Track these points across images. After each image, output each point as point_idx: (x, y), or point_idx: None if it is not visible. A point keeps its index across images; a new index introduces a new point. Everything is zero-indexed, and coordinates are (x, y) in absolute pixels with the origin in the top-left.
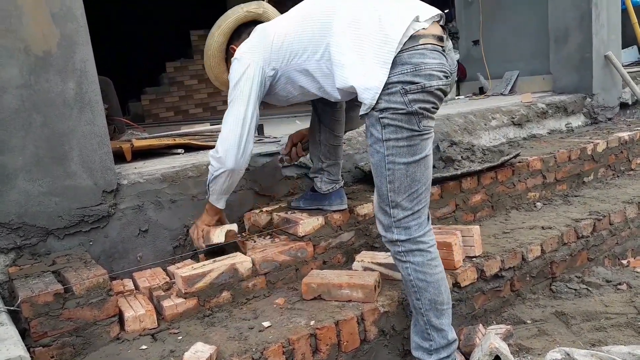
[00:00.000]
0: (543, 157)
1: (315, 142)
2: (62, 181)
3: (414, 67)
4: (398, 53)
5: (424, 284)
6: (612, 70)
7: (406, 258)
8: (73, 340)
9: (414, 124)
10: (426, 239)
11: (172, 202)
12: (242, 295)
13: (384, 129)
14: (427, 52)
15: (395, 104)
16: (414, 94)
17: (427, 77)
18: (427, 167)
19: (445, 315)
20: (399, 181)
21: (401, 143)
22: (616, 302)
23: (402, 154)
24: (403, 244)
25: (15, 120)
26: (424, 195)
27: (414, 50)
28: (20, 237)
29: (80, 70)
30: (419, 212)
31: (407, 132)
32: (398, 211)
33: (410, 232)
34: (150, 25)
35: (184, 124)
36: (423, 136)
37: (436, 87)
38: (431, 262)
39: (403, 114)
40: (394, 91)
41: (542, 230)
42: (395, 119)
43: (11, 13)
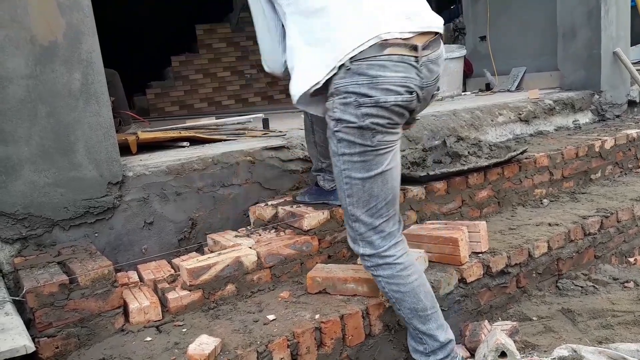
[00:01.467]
0: (550, 154)
1: (311, 143)
2: (67, 172)
3: (370, 79)
4: (357, 61)
5: (400, 294)
6: (620, 67)
7: (376, 272)
8: (78, 331)
9: (367, 139)
10: (391, 252)
11: (178, 195)
12: (247, 288)
13: (339, 143)
14: (390, 64)
15: (348, 115)
16: (367, 107)
17: (383, 91)
18: (385, 182)
19: (431, 320)
20: (356, 196)
21: (355, 158)
22: (623, 299)
23: (357, 169)
24: (370, 259)
25: (21, 110)
26: (384, 210)
27: (374, 61)
28: (26, 228)
29: (86, 61)
30: (380, 227)
31: (359, 147)
32: (359, 225)
33: (374, 247)
34: (155, 19)
35: (189, 118)
36: (378, 151)
37: (393, 103)
38: (401, 272)
39: (355, 128)
40: (348, 102)
41: (549, 227)
42: (348, 133)
43: (17, 3)
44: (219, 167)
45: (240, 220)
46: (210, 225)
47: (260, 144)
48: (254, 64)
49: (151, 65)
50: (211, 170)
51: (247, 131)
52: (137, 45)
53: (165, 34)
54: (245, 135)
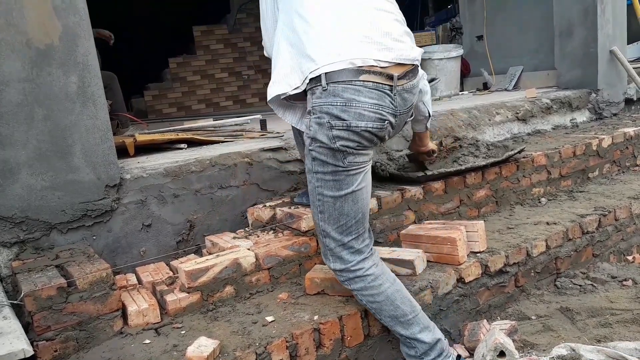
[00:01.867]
0: (548, 153)
1: (301, 145)
2: (65, 175)
3: (345, 102)
4: (333, 83)
5: (377, 304)
6: (617, 66)
7: (350, 286)
8: (76, 334)
9: (339, 160)
10: (360, 265)
11: (175, 197)
12: (245, 289)
13: (313, 161)
14: (364, 90)
15: (321, 136)
16: (338, 130)
17: (355, 115)
18: (355, 202)
19: (413, 325)
20: (328, 212)
21: (327, 177)
22: (622, 298)
23: (329, 187)
24: (341, 274)
25: (18, 114)
26: (354, 228)
27: (349, 85)
28: (24, 232)
29: (82, 64)
30: (349, 243)
31: (331, 167)
32: (329, 241)
33: (343, 262)
34: (153, 21)
35: (187, 120)
36: (349, 172)
37: (363, 129)
38: (373, 283)
39: (327, 149)
40: (322, 122)
41: (547, 225)
42: (321, 153)
43: (12, 6)
44: (217, 168)
45: (239, 221)
46: (209, 227)
47: (258, 145)
48: (252, 65)
49: (149, 67)
50: (209, 172)
51: (244, 132)
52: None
53: (163, 35)
54: (242, 136)
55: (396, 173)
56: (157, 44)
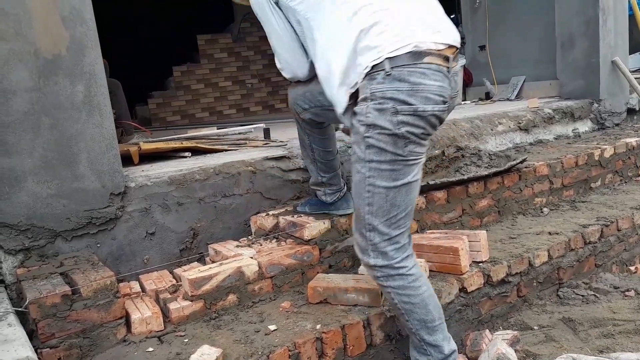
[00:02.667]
0: (550, 163)
1: (310, 160)
2: (70, 183)
3: (411, 86)
4: (397, 67)
5: (410, 305)
6: (619, 76)
7: (387, 283)
8: (80, 341)
9: (399, 148)
10: (405, 263)
11: (179, 205)
12: (248, 298)
13: (368, 149)
14: (429, 73)
15: (383, 121)
16: (404, 115)
17: (423, 99)
18: (408, 193)
19: (438, 332)
20: (377, 204)
21: (383, 166)
22: (624, 308)
23: (383, 178)
24: (381, 269)
25: (25, 123)
26: (403, 221)
27: (415, 68)
28: (29, 239)
29: (89, 74)
30: (396, 238)
31: (390, 155)
32: (374, 235)
33: (387, 258)
34: (157, 29)
35: (191, 128)
36: (407, 162)
37: (430, 113)
38: (413, 283)
39: (389, 135)
40: (384, 108)
41: (549, 235)
42: (380, 140)
43: (21, 17)
44: (221, 177)
45: (242, 230)
46: (212, 235)
47: (262, 154)
48: (255, 74)
49: (153, 75)
50: (213, 180)
51: (248, 141)
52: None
53: (167, 44)
54: (246, 145)
55: None
56: (162, 52)
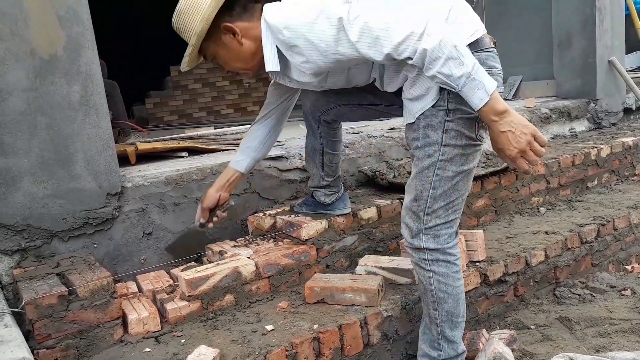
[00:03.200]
0: (546, 162)
1: (317, 165)
2: (66, 183)
3: (489, 69)
4: (477, 52)
5: (445, 295)
6: (615, 76)
7: (430, 267)
8: (77, 342)
9: (473, 132)
10: (454, 250)
11: (176, 205)
12: (245, 298)
13: (446, 133)
14: (495, 56)
15: (466, 105)
16: None
17: (496, 81)
18: (469, 180)
19: (459, 328)
20: (442, 188)
21: (457, 150)
22: (620, 307)
23: (454, 162)
24: (430, 253)
25: (21, 122)
26: (460, 206)
27: (487, 52)
28: (25, 239)
29: (85, 73)
30: (452, 222)
31: (466, 139)
32: (432, 218)
33: (439, 241)
34: (154, 29)
35: (188, 128)
36: (476, 147)
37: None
38: (455, 274)
39: (468, 119)
40: None
41: (546, 235)
42: (460, 125)
43: (17, 16)
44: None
45: (239, 230)
46: (209, 235)
47: None
48: None
49: (150, 75)
50: (210, 180)
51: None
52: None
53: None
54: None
55: (396, 182)
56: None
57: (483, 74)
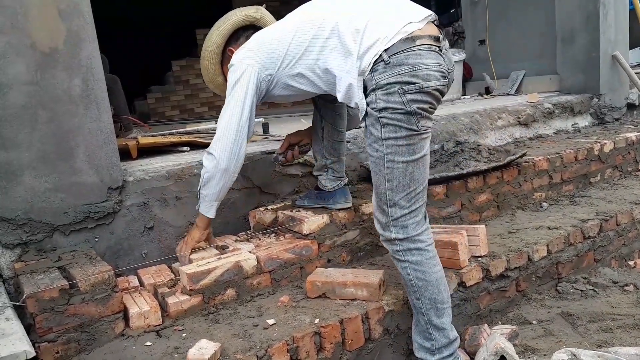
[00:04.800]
0: (549, 157)
1: (318, 138)
2: (68, 177)
3: (411, 67)
4: (394, 54)
5: (424, 282)
6: (619, 71)
7: (404, 257)
8: (78, 336)
9: (413, 124)
10: (424, 237)
11: (178, 199)
12: (246, 292)
13: (383, 127)
14: (424, 53)
15: (394, 104)
16: (412, 94)
17: (424, 77)
18: (425, 167)
19: (445, 314)
20: (397, 180)
21: (400, 142)
22: (623, 303)
23: (401, 153)
24: (401, 243)
25: (22, 116)
26: (421, 194)
27: (410, 51)
28: (26, 233)
29: (86, 67)
30: (416, 211)
31: (406, 131)
32: (396, 210)
33: (407, 231)
34: (156, 24)
35: (190, 123)
36: (421, 135)
37: (434, 88)
38: (430, 260)
39: (402, 114)
40: (392, 91)
41: (548, 230)
42: (394, 119)
43: (18, 10)
44: None
45: (240, 224)
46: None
47: (260, 149)
48: None
49: (152, 70)
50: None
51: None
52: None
53: (166, 38)
54: None
55: None
56: (161, 47)
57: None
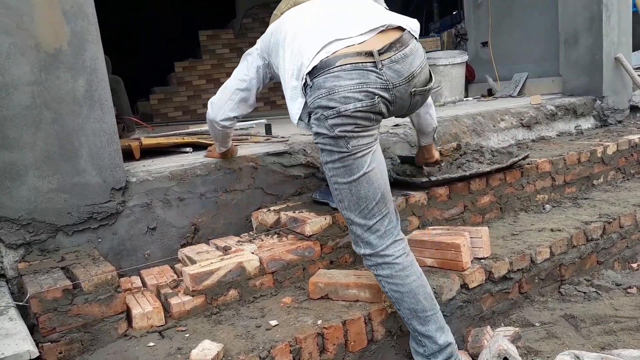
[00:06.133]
0: (552, 159)
1: None
2: (71, 178)
3: (328, 91)
4: (315, 77)
5: (399, 294)
6: (622, 73)
7: (376, 272)
8: (81, 336)
9: (342, 147)
10: (389, 251)
11: (180, 200)
12: (249, 293)
13: (321, 152)
14: (343, 74)
15: (321, 128)
16: (332, 118)
17: (341, 100)
18: (370, 183)
19: (430, 322)
20: (347, 200)
21: (337, 165)
22: (626, 305)
23: (341, 175)
24: (370, 258)
25: (26, 117)
26: (376, 210)
27: (328, 74)
28: (30, 233)
29: (90, 68)
30: (375, 227)
31: (337, 154)
32: (355, 227)
33: (372, 246)
34: (159, 25)
35: (192, 124)
36: (355, 155)
37: (353, 110)
38: (400, 273)
39: (329, 138)
40: (318, 116)
41: (551, 232)
42: (325, 143)
43: (23, 10)
44: (222, 172)
45: (243, 225)
46: (213, 231)
47: (263, 150)
48: None
49: (155, 71)
50: (214, 175)
51: (249, 137)
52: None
53: (169, 39)
54: (248, 140)
55: (400, 178)
56: (164, 48)
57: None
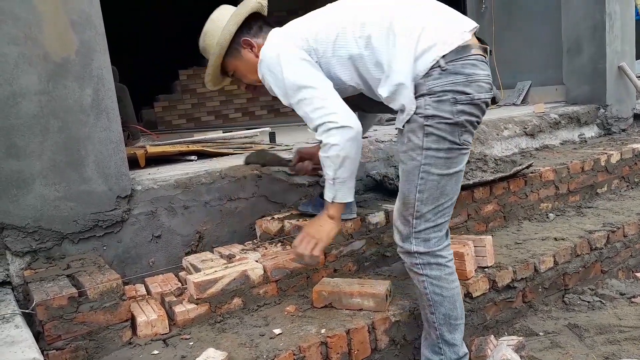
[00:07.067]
0: (556, 168)
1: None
2: (77, 186)
3: (466, 77)
4: (451, 62)
5: (440, 298)
6: (626, 81)
7: (423, 271)
8: (86, 344)
9: (456, 137)
10: (445, 253)
11: (185, 209)
12: (253, 301)
13: (426, 137)
14: (478, 63)
15: (443, 112)
16: (463, 104)
17: (477, 88)
18: (457, 182)
19: (458, 331)
20: (428, 192)
21: (440, 154)
22: (630, 315)
23: (438, 165)
24: (421, 257)
25: (34, 125)
26: (448, 210)
27: (466, 60)
28: (36, 241)
29: (97, 77)
30: (441, 226)
31: (448, 143)
32: (421, 222)
33: (429, 245)
34: (163, 33)
35: (197, 131)
36: (462, 150)
37: (483, 100)
38: (449, 276)
39: (448, 124)
40: (444, 99)
41: (555, 241)
42: (439, 129)
43: (31, 21)
44: (227, 180)
45: (247, 233)
46: (217, 239)
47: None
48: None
49: (159, 79)
50: (218, 184)
51: (254, 145)
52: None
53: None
54: (252, 148)
55: None
56: (168, 56)
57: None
